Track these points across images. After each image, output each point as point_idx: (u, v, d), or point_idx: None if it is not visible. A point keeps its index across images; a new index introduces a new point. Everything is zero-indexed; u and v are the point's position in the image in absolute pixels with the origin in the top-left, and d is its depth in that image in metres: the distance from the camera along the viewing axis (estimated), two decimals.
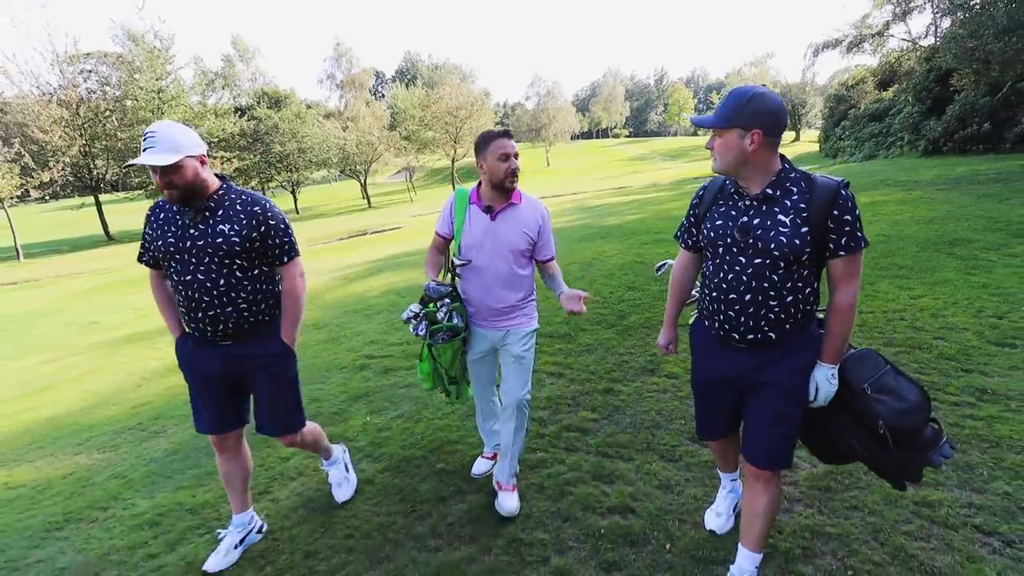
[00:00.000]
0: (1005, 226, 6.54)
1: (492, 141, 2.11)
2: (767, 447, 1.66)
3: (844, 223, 1.48)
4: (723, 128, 1.53)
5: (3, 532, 2.60)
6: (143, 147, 1.79)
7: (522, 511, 2.31)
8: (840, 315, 1.56)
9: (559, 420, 3.07)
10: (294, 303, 2.07)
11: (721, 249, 1.64)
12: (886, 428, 1.53)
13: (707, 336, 1.78)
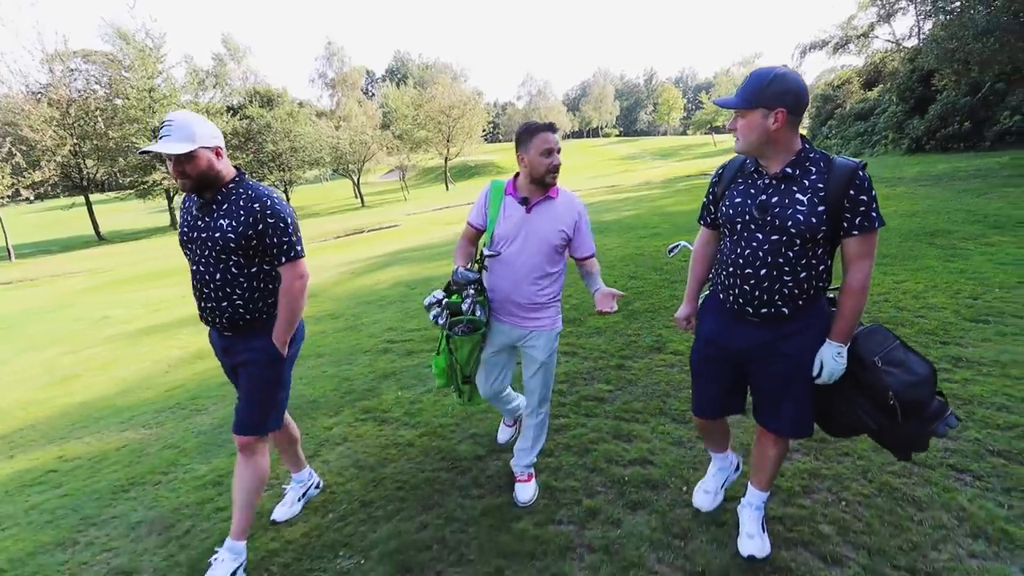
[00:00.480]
0: (983, 218, 6.93)
1: (536, 134, 2.07)
2: (789, 418, 1.74)
3: (860, 203, 1.52)
4: (747, 108, 1.57)
5: (73, 495, 2.84)
6: (159, 135, 1.81)
7: (552, 464, 2.59)
8: (852, 294, 1.59)
9: (576, 391, 3.35)
10: (288, 305, 2.01)
11: (739, 225, 1.69)
12: (896, 399, 1.57)
13: (721, 309, 1.84)
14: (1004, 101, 15.78)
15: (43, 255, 24.73)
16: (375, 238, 15.85)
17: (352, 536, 2.23)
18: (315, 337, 5.22)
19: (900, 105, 19.22)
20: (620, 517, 2.19)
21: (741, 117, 1.60)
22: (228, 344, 2.04)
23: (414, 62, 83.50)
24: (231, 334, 2.02)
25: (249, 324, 1.99)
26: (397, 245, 12.46)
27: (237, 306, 1.95)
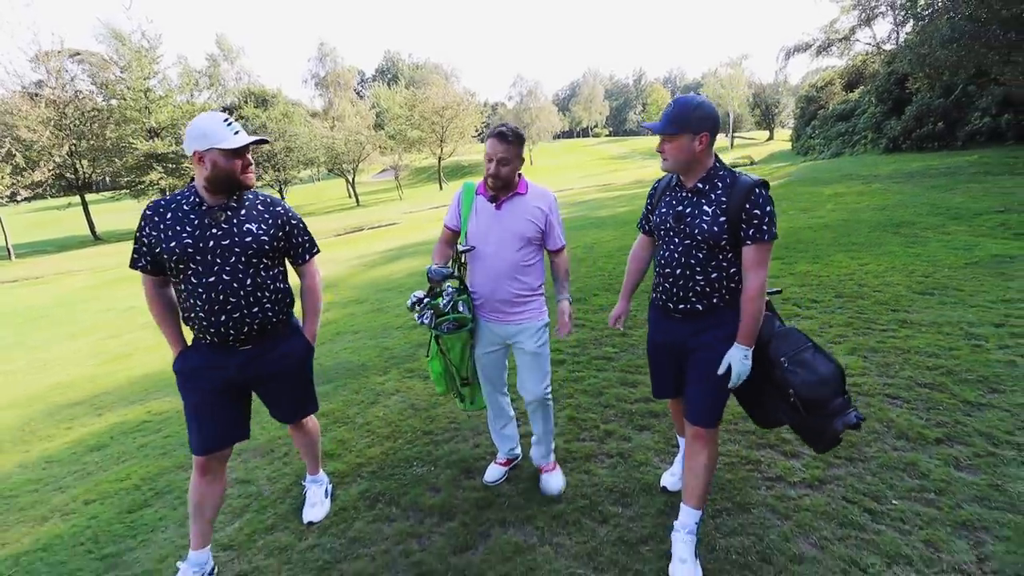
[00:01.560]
0: (944, 211, 7.66)
1: (487, 140, 2.17)
2: (697, 406, 1.88)
3: (754, 216, 1.70)
4: (675, 133, 1.76)
5: (175, 436, 3.41)
6: (233, 131, 1.82)
7: (572, 403, 3.20)
8: (749, 299, 1.75)
9: (588, 353, 3.97)
10: (315, 299, 2.14)
11: (663, 232, 1.92)
12: (796, 396, 1.73)
13: (654, 308, 2.06)
14: (975, 103, 16.66)
15: (39, 255, 24.89)
16: (376, 235, 16.39)
17: (421, 452, 2.83)
18: (347, 318, 5.80)
19: (879, 106, 20.10)
20: (630, 435, 2.81)
21: (668, 141, 1.78)
22: (248, 357, 1.94)
23: (404, 62, 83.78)
24: (251, 346, 1.94)
25: (274, 329, 1.98)
26: (400, 241, 13.02)
27: (267, 310, 1.92)
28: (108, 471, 3.07)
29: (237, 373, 1.95)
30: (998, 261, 5.11)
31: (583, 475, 2.52)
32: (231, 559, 2.18)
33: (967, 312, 3.92)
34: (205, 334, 1.88)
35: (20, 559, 2.35)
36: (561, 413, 3.09)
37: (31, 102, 24.92)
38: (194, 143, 1.79)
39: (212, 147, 1.77)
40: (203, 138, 1.78)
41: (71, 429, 3.88)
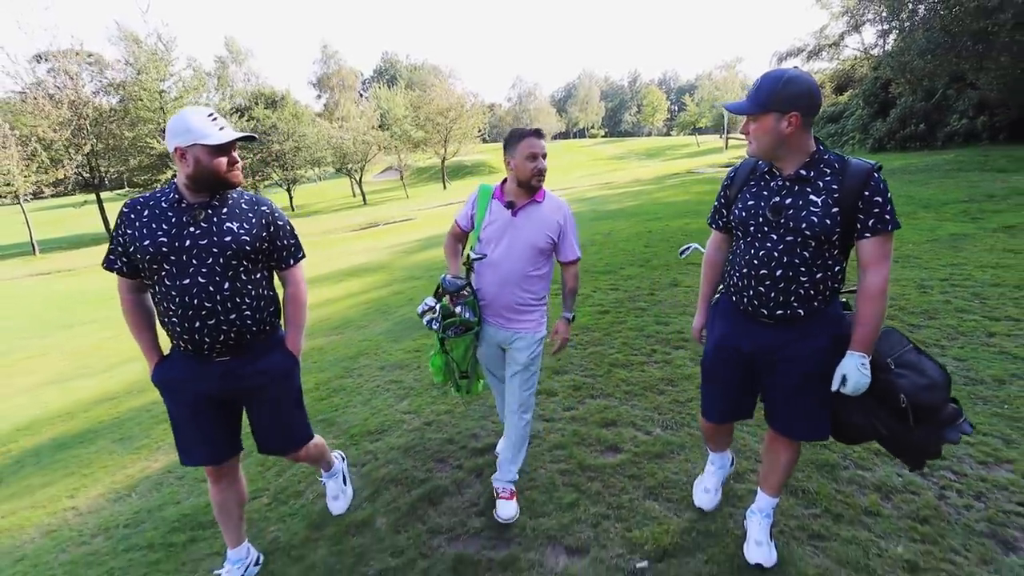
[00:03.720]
0: (917, 201, 8.80)
1: (522, 139, 2.13)
2: (804, 422, 1.73)
3: (875, 204, 1.50)
4: (760, 113, 1.56)
5: (325, 357, 4.45)
6: (218, 126, 1.72)
7: (622, 337, 4.26)
8: (871, 300, 1.54)
9: (625, 306, 5.04)
10: (299, 308, 1.97)
11: (752, 227, 1.67)
12: (907, 402, 1.54)
13: (734, 312, 1.81)
14: (953, 106, 17.91)
15: (58, 251, 25.71)
16: (394, 229, 17.41)
17: None
18: (410, 290, 6.85)
19: (866, 109, 21.35)
20: (670, 352, 3.89)
21: (753, 121, 1.60)
22: (226, 370, 1.81)
23: (402, 63, 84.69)
24: (230, 357, 1.81)
25: (254, 339, 1.83)
26: (424, 233, 14.04)
27: (246, 318, 1.78)
28: None
29: (219, 385, 1.82)
30: (954, 238, 6.23)
31: (641, 372, 3.59)
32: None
33: (921, 272, 5.03)
34: (180, 341, 1.77)
35: None
36: (615, 342, 4.16)
37: (52, 102, 25.74)
38: (176, 138, 1.69)
39: (195, 143, 1.67)
40: (186, 133, 1.68)
41: None
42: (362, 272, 9.03)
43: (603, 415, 3.05)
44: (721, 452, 2.18)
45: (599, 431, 2.89)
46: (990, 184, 9.85)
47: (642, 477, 2.46)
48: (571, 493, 2.39)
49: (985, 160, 13.03)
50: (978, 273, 4.85)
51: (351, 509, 2.44)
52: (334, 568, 2.09)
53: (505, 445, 2.37)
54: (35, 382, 5.44)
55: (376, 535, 2.25)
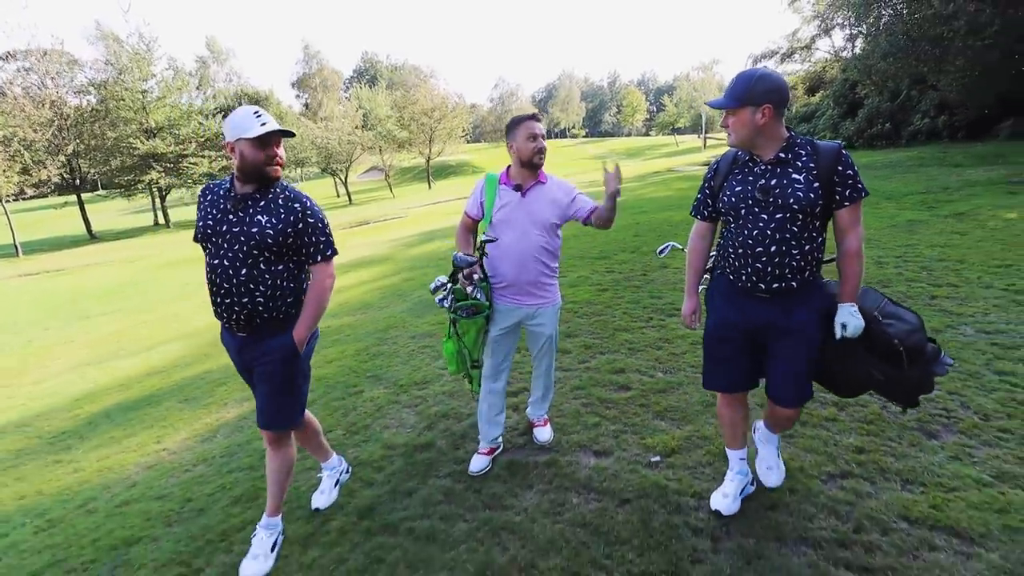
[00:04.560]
0: (880, 193, 9.57)
1: (521, 123, 2.33)
2: (794, 389, 1.91)
3: (847, 176, 1.71)
4: (736, 107, 1.75)
5: (358, 329, 4.94)
6: (260, 121, 1.87)
7: (621, 308, 4.83)
8: (853, 258, 1.77)
9: (622, 285, 5.62)
10: (318, 301, 2.06)
11: (744, 210, 1.82)
12: (902, 345, 1.72)
13: (731, 289, 1.95)
14: (917, 106, 18.96)
15: (39, 253, 25.44)
16: (387, 226, 17.79)
17: None
18: (420, 276, 7.35)
19: (835, 109, 22.37)
20: (664, 319, 4.47)
21: (732, 115, 1.78)
22: (242, 344, 2.02)
23: (383, 63, 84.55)
24: (245, 334, 2.00)
25: (265, 323, 1.98)
26: (420, 229, 14.49)
27: (257, 303, 1.93)
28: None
29: (238, 355, 2.06)
30: (910, 224, 6.96)
31: (641, 335, 4.16)
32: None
33: (880, 251, 5.72)
34: (214, 312, 2.02)
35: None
36: (616, 312, 4.73)
37: (33, 103, 25.47)
38: (228, 134, 1.91)
39: (240, 137, 1.87)
40: (234, 129, 1.89)
41: None
42: (368, 264, 9.48)
43: (612, 366, 3.61)
44: (739, 451, 2.16)
45: (610, 376, 3.45)
46: (946, 178, 10.70)
47: (649, 405, 3.03)
48: (593, 417, 2.95)
49: (944, 156, 13.98)
50: (928, 251, 5.55)
51: (415, 435, 2.96)
52: (411, 474, 2.61)
53: (534, 390, 2.76)
54: (71, 364, 5.81)
55: (439, 451, 2.78)
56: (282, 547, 2.18)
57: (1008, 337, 3.40)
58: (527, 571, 1.94)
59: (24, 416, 4.30)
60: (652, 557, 1.94)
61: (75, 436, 3.74)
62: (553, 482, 2.44)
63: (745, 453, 2.18)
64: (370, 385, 3.77)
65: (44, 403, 4.53)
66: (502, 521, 2.20)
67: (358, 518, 2.32)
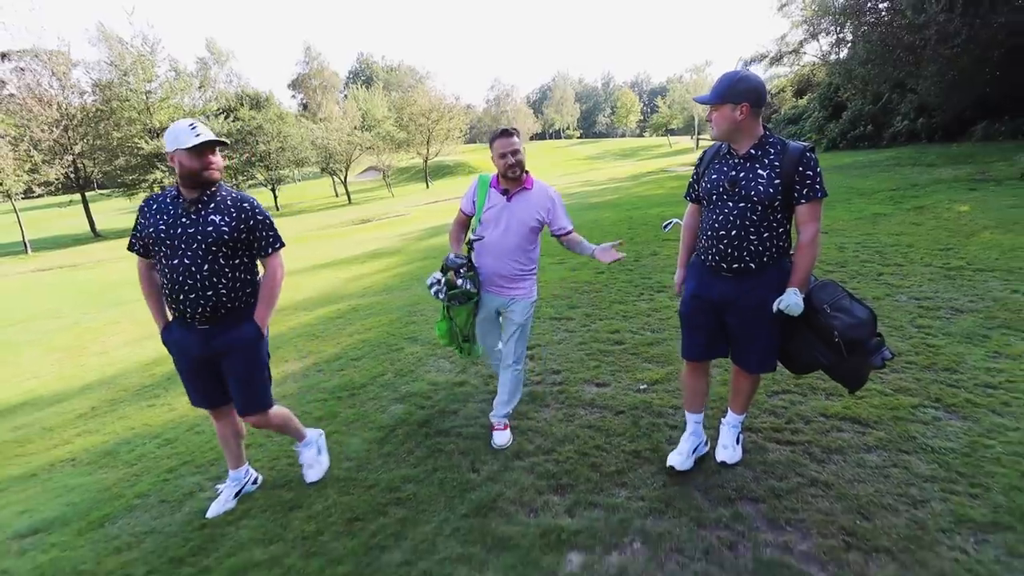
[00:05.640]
0: (854, 190, 10.39)
1: (496, 140, 2.56)
2: (756, 358, 2.15)
3: (807, 177, 1.91)
4: (719, 103, 1.96)
5: (383, 308, 5.65)
6: (195, 133, 2.06)
7: (616, 288, 5.57)
8: (803, 249, 1.98)
9: (617, 268, 6.36)
10: (272, 289, 2.29)
11: (715, 197, 2.07)
12: (840, 338, 1.92)
13: (702, 268, 2.20)
14: (897, 109, 19.85)
15: (46, 250, 25.93)
16: (391, 223, 18.45)
17: None
18: (431, 263, 8.07)
19: (821, 111, 23.26)
20: (653, 295, 5.21)
21: (715, 111, 1.98)
22: (204, 337, 2.20)
23: (378, 64, 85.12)
24: (209, 326, 2.19)
25: (228, 313, 2.20)
26: (425, 225, 15.19)
27: (220, 295, 2.14)
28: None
29: (200, 347, 2.21)
30: (875, 216, 7.75)
31: (633, 306, 4.90)
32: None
33: (844, 239, 6.50)
34: (172, 310, 2.20)
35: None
36: (612, 289, 5.48)
37: (40, 104, 25.99)
38: (168, 146, 2.10)
39: (178, 148, 2.06)
40: (172, 141, 2.08)
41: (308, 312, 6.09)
42: (381, 255, 10.19)
43: (609, 327, 4.36)
44: (696, 414, 2.43)
45: (607, 335, 4.20)
46: (917, 176, 11.53)
47: (639, 353, 3.78)
48: (595, 362, 3.70)
49: (919, 157, 14.83)
50: (885, 238, 6.34)
51: (452, 376, 3.69)
52: (453, 400, 3.35)
53: (500, 392, 2.83)
54: (127, 340, 6.48)
55: (473, 387, 3.53)
56: (363, 445, 2.91)
57: (932, 302, 4.17)
58: (549, 453, 2.67)
59: (104, 377, 4.99)
60: (640, 443, 2.68)
61: (159, 388, 4.43)
62: (565, 403, 3.18)
63: (701, 417, 2.46)
64: (408, 344, 4.50)
65: (117, 368, 5.22)
66: (528, 426, 2.94)
67: (417, 427, 3.06)
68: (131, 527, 2.48)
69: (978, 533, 1.91)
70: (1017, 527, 1.91)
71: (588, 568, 1.93)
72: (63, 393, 4.71)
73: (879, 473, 2.27)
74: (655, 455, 2.57)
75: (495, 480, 2.49)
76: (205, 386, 2.32)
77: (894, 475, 2.25)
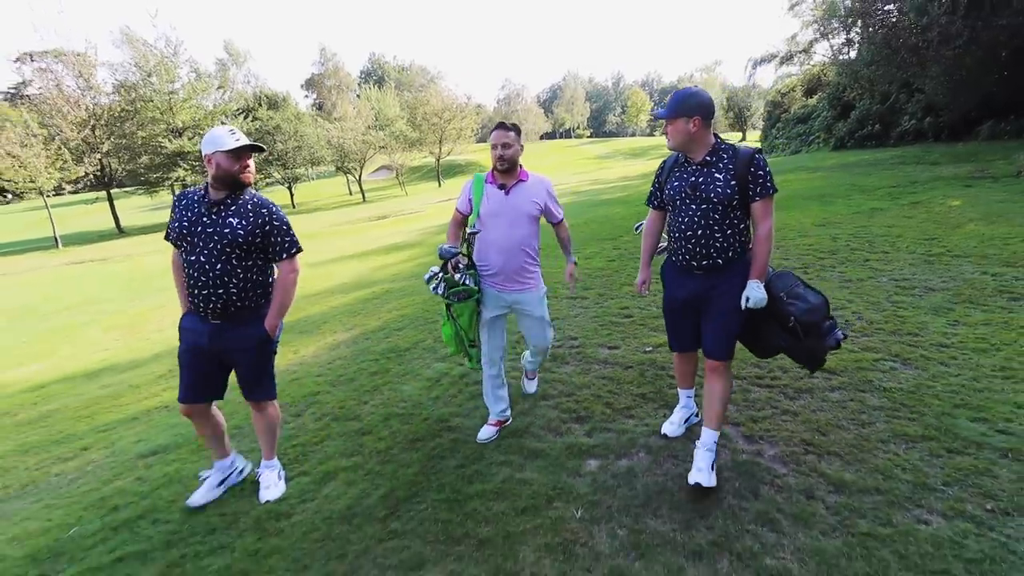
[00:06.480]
0: (856, 187, 10.82)
1: (492, 133, 2.63)
2: (716, 343, 2.29)
3: (759, 176, 2.12)
4: (673, 118, 2.18)
5: (415, 288, 6.25)
6: (235, 138, 2.21)
7: (629, 265, 6.12)
8: (760, 243, 2.17)
9: (627, 257, 6.91)
10: (284, 294, 2.38)
11: (679, 201, 2.26)
12: (796, 322, 2.11)
13: (672, 268, 2.41)
14: (905, 108, 20.16)
15: (74, 245, 26.90)
16: (408, 219, 19.15)
17: None
18: None
19: (830, 111, 23.58)
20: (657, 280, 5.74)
21: (670, 124, 2.21)
22: (216, 330, 2.29)
23: (390, 64, 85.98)
24: (220, 321, 2.29)
25: (239, 312, 2.28)
26: (440, 221, 15.80)
27: (231, 294, 2.24)
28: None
29: (207, 342, 2.30)
30: (872, 211, 8.22)
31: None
32: None
33: (838, 230, 6.99)
34: (190, 301, 2.31)
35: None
36: (621, 275, 6.02)
37: (69, 104, 27.00)
38: (205, 148, 2.22)
39: (217, 150, 2.17)
40: (211, 143, 2.20)
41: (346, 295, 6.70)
42: (402, 248, 10.82)
43: (619, 304, 4.92)
44: (687, 389, 2.73)
45: (618, 310, 4.76)
46: (919, 174, 11.93)
47: (646, 324, 4.33)
48: (607, 330, 4.26)
49: (923, 156, 15.19)
50: (877, 230, 6.82)
51: None
52: None
53: (530, 361, 3.16)
54: None
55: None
56: (414, 391, 3.50)
57: (909, 282, 4.69)
58: (570, 396, 3.24)
59: (170, 348, 5.57)
60: (645, 387, 3.25)
61: None
62: (582, 361, 3.75)
63: (692, 392, 2.76)
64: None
65: None
66: (551, 378, 3.51)
67: (458, 378, 3.66)
68: (234, 448, 3.09)
69: (909, 442, 2.45)
70: (940, 438, 2.44)
71: (603, 469, 2.50)
72: (137, 361, 5.36)
73: (838, 406, 2.82)
74: (659, 396, 3.13)
75: (526, 414, 3.07)
76: (197, 378, 2.37)
77: (850, 407, 2.80)
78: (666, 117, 2.21)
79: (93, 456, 3.39)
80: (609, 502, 2.25)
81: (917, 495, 2.11)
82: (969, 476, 2.18)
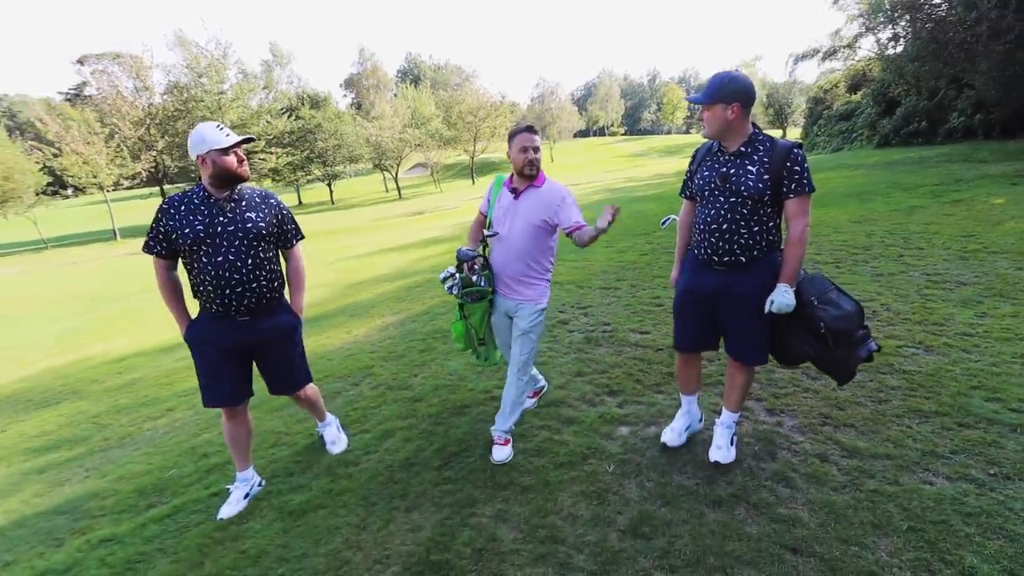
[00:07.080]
0: (897, 185, 10.66)
1: (517, 135, 2.52)
2: (747, 347, 2.20)
3: (795, 172, 1.97)
4: (710, 103, 2.05)
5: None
6: (224, 133, 2.17)
7: (661, 259, 6.32)
8: (793, 245, 2.02)
9: (659, 251, 7.08)
10: (301, 278, 2.49)
11: (707, 192, 2.15)
12: (826, 329, 1.99)
13: (693, 261, 2.31)
14: (954, 105, 19.47)
15: (130, 238, 28.49)
16: (444, 215, 19.61)
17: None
18: None
19: (874, 107, 22.94)
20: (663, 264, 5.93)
21: (706, 110, 2.08)
22: (244, 327, 2.29)
23: (425, 63, 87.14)
24: (249, 317, 2.29)
25: (268, 302, 2.33)
26: (474, 217, 16.19)
27: (263, 286, 2.28)
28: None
29: (238, 337, 2.29)
30: (912, 208, 8.15)
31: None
32: None
33: (874, 227, 7.01)
34: (212, 305, 2.24)
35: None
36: (654, 267, 6.22)
37: (128, 104, 28.61)
38: (195, 149, 2.14)
39: (211, 149, 2.12)
40: (202, 143, 2.13)
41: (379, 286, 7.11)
42: (440, 241, 11.22)
43: (651, 294, 5.14)
44: (690, 395, 2.58)
45: (650, 299, 4.99)
46: (964, 172, 11.63)
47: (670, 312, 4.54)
48: (638, 317, 4.50)
49: (971, 153, 14.72)
50: (914, 227, 6.81)
51: None
52: None
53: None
54: None
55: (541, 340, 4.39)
56: (459, 367, 3.82)
57: (941, 277, 4.75)
58: (603, 373, 3.50)
59: None
60: (675, 368, 3.48)
61: None
62: (614, 343, 4.01)
63: (695, 399, 2.60)
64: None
65: None
66: (585, 358, 3.78)
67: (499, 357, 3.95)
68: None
69: (923, 417, 2.63)
70: (953, 415, 2.61)
71: (633, 434, 2.76)
72: None
73: (857, 385, 3.00)
74: None
75: (562, 388, 3.35)
76: (233, 380, 2.35)
77: (869, 386, 2.97)
78: (703, 102, 2.08)
79: (179, 415, 3.85)
80: (638, 460, 2.52)
81: (925, 460, 2.30)
82: (977, 446, 2.36)
